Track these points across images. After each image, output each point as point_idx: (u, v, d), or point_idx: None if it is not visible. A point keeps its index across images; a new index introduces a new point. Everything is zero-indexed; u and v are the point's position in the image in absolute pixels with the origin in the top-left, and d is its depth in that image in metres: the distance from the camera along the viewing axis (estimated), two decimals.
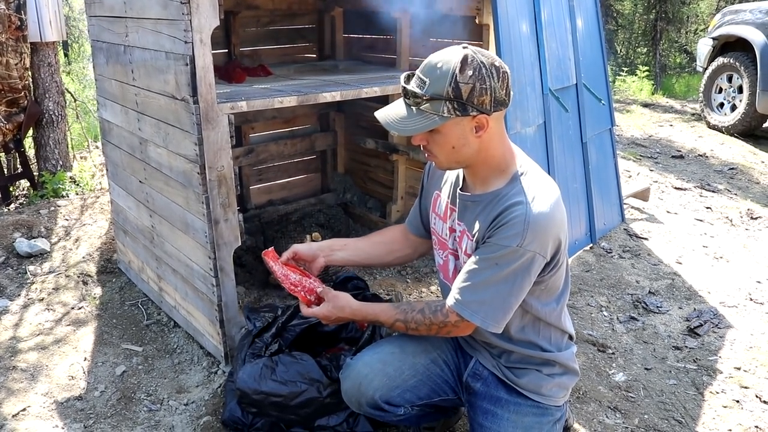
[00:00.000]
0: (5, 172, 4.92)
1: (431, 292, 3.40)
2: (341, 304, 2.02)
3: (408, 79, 1.78)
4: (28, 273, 3.62)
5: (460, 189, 1.96)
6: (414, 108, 1.73)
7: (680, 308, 3.31)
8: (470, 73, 1.66)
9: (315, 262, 2.20)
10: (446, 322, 1.86)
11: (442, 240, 2.05)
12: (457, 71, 1.66)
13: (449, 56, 1.69)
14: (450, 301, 1.85)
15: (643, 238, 4.17)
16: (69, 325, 3.15)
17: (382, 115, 1.80)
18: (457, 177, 1.99)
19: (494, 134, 1.78)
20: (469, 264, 1.82)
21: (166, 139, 2.63)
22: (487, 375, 2.05)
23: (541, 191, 1.78)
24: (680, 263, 3.83)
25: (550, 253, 1.79)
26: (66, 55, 10.84)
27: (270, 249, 2.18)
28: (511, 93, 1.76)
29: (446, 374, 2.12)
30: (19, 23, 4.57)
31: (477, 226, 1.85)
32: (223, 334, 2.66)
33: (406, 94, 1.74)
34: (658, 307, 3.31)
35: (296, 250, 2.19)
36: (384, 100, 3.76)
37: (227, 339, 2.66)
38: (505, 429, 1.97)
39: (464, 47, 1.72)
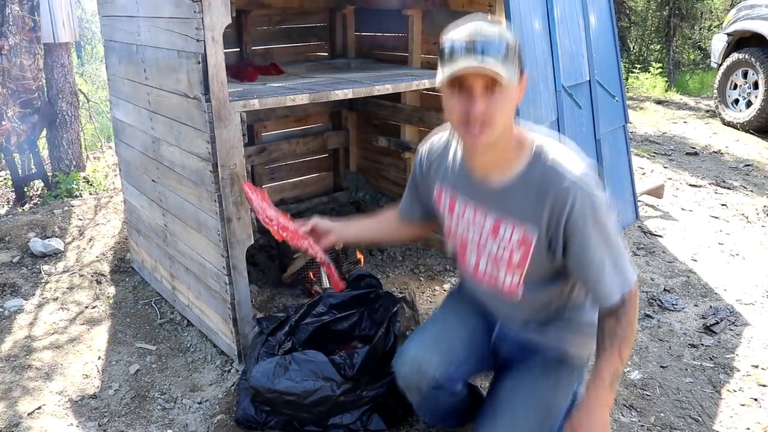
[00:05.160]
0: (20, 173, 4.95)
1: (444, 290, 3.38)
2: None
3: (469, 43, 1.61)
4: (43, 272, 3.64)
5: (474, 179, 1.83)
6: (495, 60, 1.57)
7: (696, 306, 3.28)
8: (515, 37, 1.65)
9: (326, 237, 2.14)
10: (626, 308, 1.75)
11: (464, 238, 1.93)
12: (510, 34, 1.64)
13: (487, 22, 1.66)
14: (612, 297, 1.74)
15: (657, 235, 4.13)
16: (83, 324, 3.16)
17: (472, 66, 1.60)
18: (461, 167, 1.88)
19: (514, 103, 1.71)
20: (584, 259, 1.73)
21: (179, 137, 2.63)
22: (512, 336, 2.03)
23: (573, 158, 1.74)
24: (695, 260, 3.79)
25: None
26: (79, 56, 10.90)
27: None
28: None
29: (485, 341, 2.08)
30: (32, 24, 4.61)
31: (526, 215, 1.76)
32: (236, 333, 2.65)
33: (485, 49, 1.59)
34: (673, 304, 3.27)
35: (315, 223, 2.14)
36: (396, 98, 3.76)
37: (240, 337, 2.66)
38: (531, 387, 1.92)
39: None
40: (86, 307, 3.30)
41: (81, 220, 4.26)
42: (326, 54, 4.16)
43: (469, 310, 2.09)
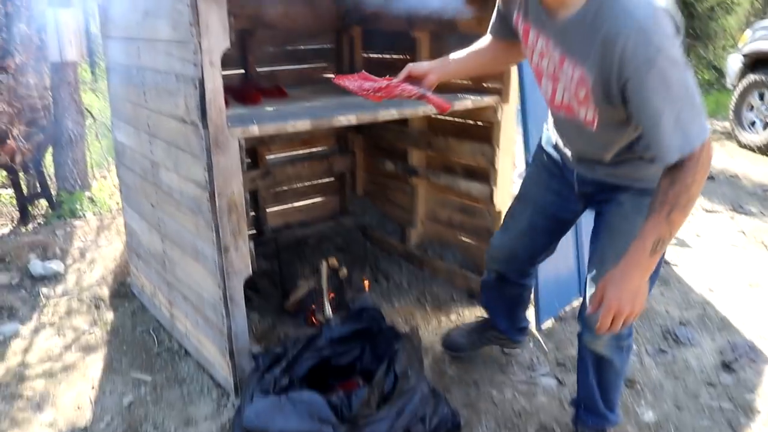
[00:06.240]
0: (24, 192, 4.91)
1: (450, 321, 3.27)
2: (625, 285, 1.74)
3: None
4: (41, 296, 3.57)
5: (544, 12, 1.81)
6: None
7: (713, 340, 3.15)
8: None
9: (427, 79, 2.18)
10: (684, 170, 1.64)
11: (538, 67, 1.94)
12: None
13: None
14: (668, 155, 1.64)
15: (671, 264, 4.00)
16: (79, 351, 3.07)
17: None
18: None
19: None
20: (639, 110, 1.66)
21: (177, 163, 2.55)
22: (591, 177, 2.12)
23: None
24: (712, 291, 3.66)
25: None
26: (93, 72, 10.92)
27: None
28: None
29: (554, 210, 2.31)
30: (39, 43, 4.58)
31: (582, 55, 1.72)
32: (232, 366, 2.56)
33: None
34: (689, 338, 3.15)
35: (410, 69, 2.19)
36: (404, 121, 3.67)
37: (237, 370, 2.57)
38: (624, 212, 2.01)
39: None
40: (83, 333, 3.22)
41: (83, 241, 4.20)
42: (333, 75, 4.07)
43: (545, 172, 2.30)
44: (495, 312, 2.77)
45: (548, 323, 3.21)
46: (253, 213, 3.83)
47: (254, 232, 3.87)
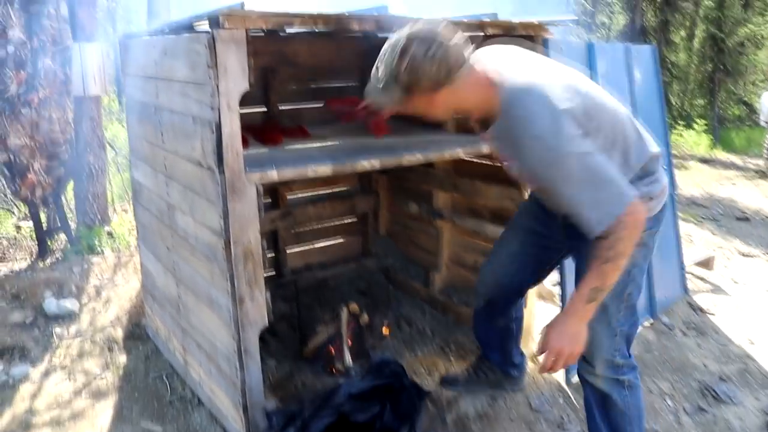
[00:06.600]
0: (43, 226, 4.85)
1: None
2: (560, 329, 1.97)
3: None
4: (54, 336, 3.48)
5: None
6: (378, 86, 1.88)
7: (756, 399, 2.96)
8: (406, 64, 1.79)
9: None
10: (610, 232, 1.81)
11: (497, 151, 2.25)
12: (395, 63, 1.80)
13: (394, 44, 1.82)
14: (594, 230, 1.83)
15: (708, 312, 3.82)
16: (89, 397, 2.97)
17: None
18: None
19: (454, 97, 1.89)
20: (559, 200, 1.89)
21: (193, 207, 2.46)
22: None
23: (536, 110, 1.81)
24: (753, 343, 3.47)
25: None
26: (120, 103, 11.03)
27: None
28: (456, 66, 1.81)
29: (540, 239, 2.38)
30: (63, 78, 4.56)
31: (512, 157, 2.00)
32: (246, 420, 2.43)
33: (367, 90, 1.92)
34: (729, 396, 2.96)
35: None
36: (428, 164, 3.56)
37: (251, 425, 2.43)
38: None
39: (408, 33, 1.82)
40: (94, 378, 3.12)
41: (99, 279, 4.11)
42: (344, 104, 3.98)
43: (535, 205, 2.37)
44: (487, 344, 2.82)
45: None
46: (272, 254, 3.72)
47: (273, 273, 3.76)
